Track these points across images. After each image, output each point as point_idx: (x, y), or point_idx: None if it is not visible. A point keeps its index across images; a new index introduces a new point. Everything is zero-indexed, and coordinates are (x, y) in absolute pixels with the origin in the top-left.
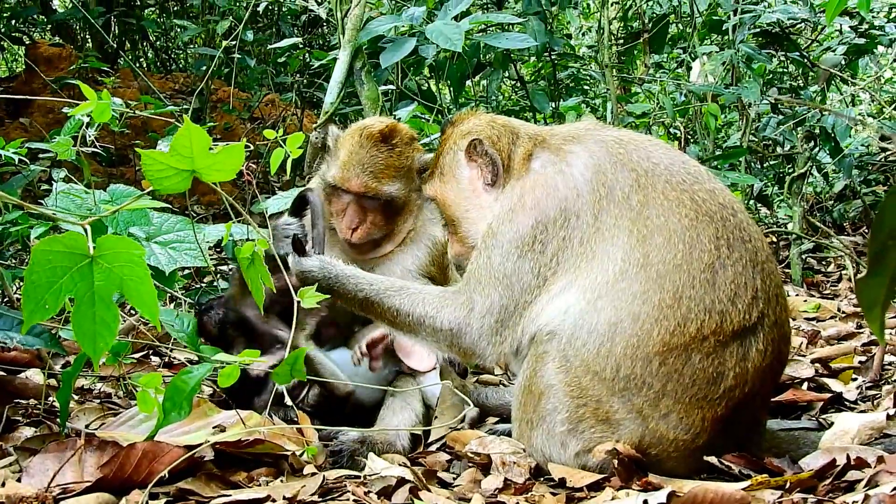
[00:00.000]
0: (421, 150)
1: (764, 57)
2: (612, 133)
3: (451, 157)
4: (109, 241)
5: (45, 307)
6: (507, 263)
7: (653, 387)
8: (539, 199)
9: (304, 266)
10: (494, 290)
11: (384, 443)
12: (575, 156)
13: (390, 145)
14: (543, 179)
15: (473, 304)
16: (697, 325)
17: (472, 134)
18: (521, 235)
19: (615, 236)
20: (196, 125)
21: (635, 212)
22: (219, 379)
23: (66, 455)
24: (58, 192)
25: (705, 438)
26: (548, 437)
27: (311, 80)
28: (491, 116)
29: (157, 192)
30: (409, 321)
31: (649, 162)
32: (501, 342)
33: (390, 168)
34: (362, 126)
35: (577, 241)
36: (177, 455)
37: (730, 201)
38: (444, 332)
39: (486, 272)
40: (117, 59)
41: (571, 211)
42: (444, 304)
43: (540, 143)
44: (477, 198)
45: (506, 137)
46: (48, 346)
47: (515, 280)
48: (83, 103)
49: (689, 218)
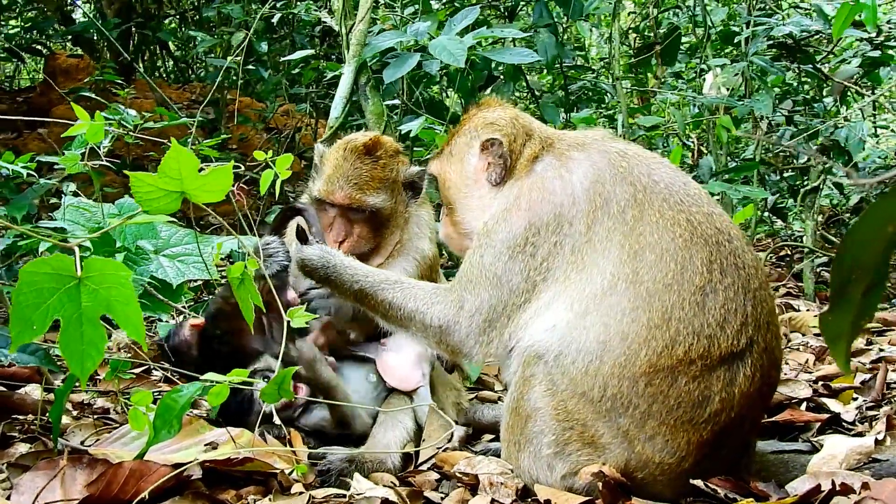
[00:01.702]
0: (406, 162)
1: (777, 69)
2: (619, 145)
3: (465, 142)
4: (96, 263)
5: (33, 328)
6: (497, 264)
7: (638, 407)
8: (534, 202)
9: (305, 254)
10: (485, 289)
11: (374, 462)
12: (576, 163)
13: (374, 157)
14: (542, 183)
15: (463, 303)
16: (685, 347)
17: (495, 128)
18: (513, 236)
19: (607, 249)
20: (184, 148)
21: (629, 226)
22: (208, 397)
23: (55, 473)
24: (66, 205)
25: (691, 462)
26: (535, 459)
27: (325, 92)
28: (516, 112)
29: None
30: (401, 315)
31: (650, 178)
32: (489, 342)
33: (375, 180)
34: (346, 140)
35: (569, 248)
36: (164, 473)
37: (727, 227)
38: (433, 329)
39: (477, 271)
40: (134, 70)
41: (565, 217)
42: (435, 300)
43: (548, 147)
44: (478, 189)
45: (521, 139)
46: (42, 364)
47: (505, 281)
48: (76, 124)
49: (683, 238)
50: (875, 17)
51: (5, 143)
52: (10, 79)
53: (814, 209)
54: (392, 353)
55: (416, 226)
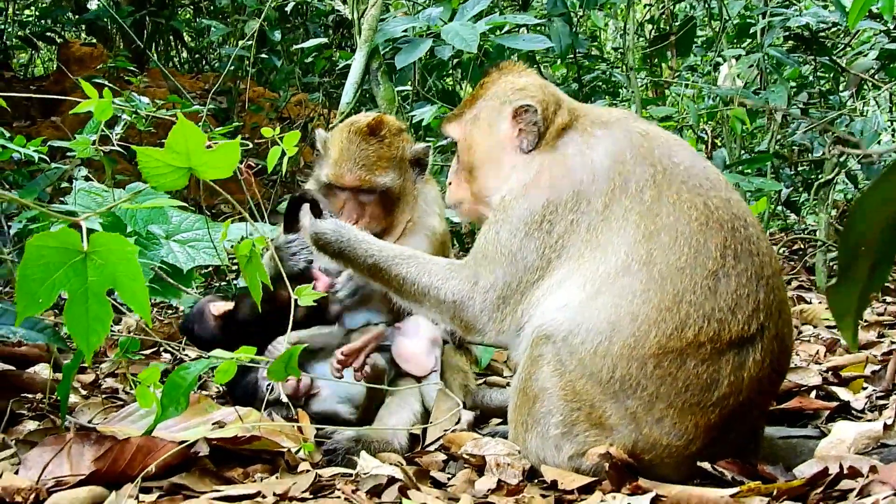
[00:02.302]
0: (410, 140)
1: (793, 61)
2: (642, 126)
3: (494, 107)
4: (102, 238)
5: (39, 301)
6: (514, 240)
7: (647, 389)
8: (555, 179)
9: (319, 228)
10: (499, 266)
11: (381, 441)
12: (598, 140)
13: (379, 137)
14: (563, 159)
15: (478, 279)
16: (695, 330)
17: (528, 94)
18: (530, 213)
19: (622, 228)
20: (190, 122)
21: (646, 207)
22: (216, 375)
23: (61, 448)
24: (78, 190)
25: (699, 445)
26: (542, 440)
27: (338, 81)
28: (543, 80)
29: (157, 190)
30: (415, 290)
31: (670, 160)
32: (502, 319)
33: (382, 159)
34: (349, 122)
35: (585, 226)
36: (171, 450)
37: (743, 213)
38: (446, 304)
39: (493, 247)
40: (148, 58)
41: (584, 195)
42: (449, 275)
43: (574, 121)
44: (505, 156)
45: (552, 107)
46: (50, 341)
47: (521, 258)
48: (85, 101)
49: (698, 222)
50: (892, 7)
51: (19, 130)
52: (25, 67)
53: (827, 202)
54: (407, 338)
55: (425, 203)
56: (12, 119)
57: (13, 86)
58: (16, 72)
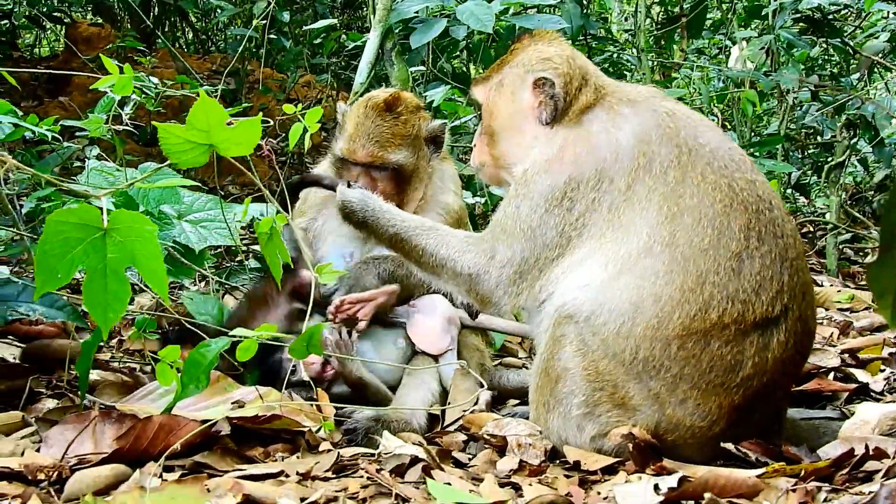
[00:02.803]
0: (427, 117)
1: (804, 43)
2: (669, 105)
3: (518, 75)
4: (123, 216)
5: (58, 277)
6: (533, 216)
7: (670, 370)
8: (578, 156)
9: (346, 196)
10: (517, 241)
11: (400, 421)
12: (624, 119)
13: (395, 114)
14: (587, 136)
15: (495, 253)
16: (719, 311)
17: (550, 66)
18: (552, 189)
19: (645, 209)
20: (212, 99)
21: (670, 188)
22: (237, 352)
23: (84, 426)
24: (90, 169)
25: (722, 426)
26: (564, 420)
27: (347, 62)
28: (572, 51)
29: (178, 167)
30: (433, 261)
31: (696, 141)
32: (518, 294)
33: (396, 136)
34: (367, 98)
35: (607, 206)
36: (193, 428)
37: (768, 195)
38: (463, 277)
39: (512, 222)
40: (155, 39)
41: (607, 174)
42: (467, 248)
43: (600, 98)
44: (526, 125)
45: (577, 82)
46: (69, 319)
47: (539, 234)
48: (106, 77)
49: (723, 204)
50: None
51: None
52: (31, 47)
53: (838, 185)
54: (422, 315)
55: (440, 180)
56: (20, 99)
57: (20, 66)
58: (22, 52)
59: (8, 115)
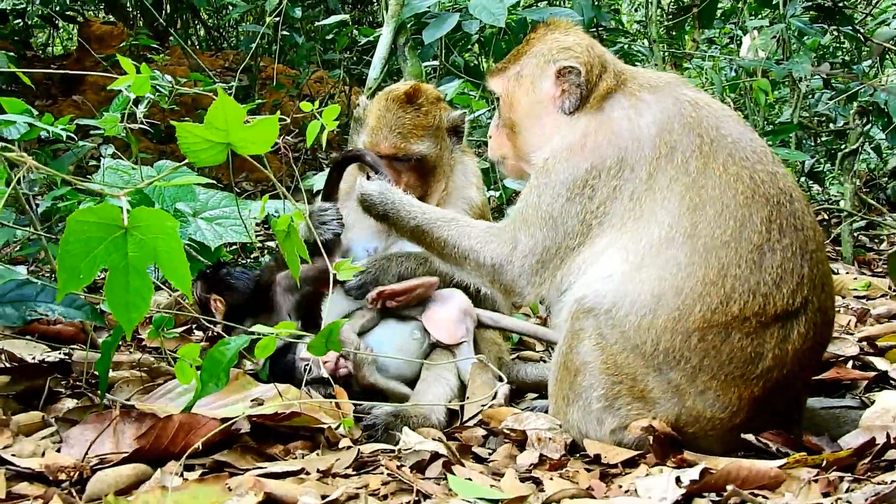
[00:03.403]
0: (448, 108)
1: (815, 31)
2: (691, 93)
3: (538, 65)
4: (144, 213)
5: (80, 277)
6: (555, 205)
7: (690, 361)
8: (600, 144)
9: (366, 189)
10: (539, 230)
11: (419, 416)
12: (647, 106)
13: (416, 105)
14: (609, 124)
15: (517, 242)
16: (740, 304)
17: (572, 55)
18: (573, 177)
19: (666, 199)
20: (230, 98)
21: (691, 178)
22: (255, 350)
23: (104, 426)
24: (105, 167)
25: (742, 417)
26: (584, 414)
27: (359, 57)
28: (591, 40)
29: (196, 166)
30: (456, 253)
31: (718, 132)
32: (541, 283)
33: (418, 128)
34: (388, 91)
35: (628, 194)
36: (213, 427)
37: (789, 187)
38: (486, 268)
39: (533, 211)
40: (168, 37)
41: (628, 162)
42: (489, 239)
43: (621, 84)
44: (547, 115)
45: (597, 69)
46: (89, 319)
47: (561, 223)
48: (123, 76)
49: (744, 196)
50: None
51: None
52: (44, 46)
53: (852, 172)
54: (438, 305)
55: (462, 174)
56: (34, 98)
57: (34, 65)
58: (36, 51)
59: (23, 114)
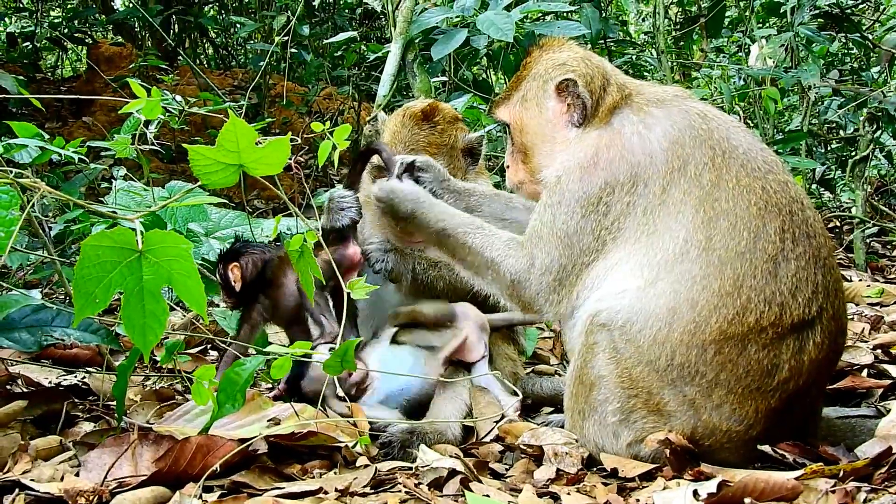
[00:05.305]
0: (465, 129)
1: (823, 39)
2: (699, 106)
3: (539, 86)
4: (157, 236)
5: (96, 301)
6: (570, 223)
7: (706, 375)
8: (612, 160)
9: (397, 185)
10: (555, 248)
11: (435, 433)
12: (656, 120)
13: (431, 123)
14: (619, 139)
15: (534, 259)
16: (756, 315)
17: (567, 69)
18: (587, 195)
19: (680, 213)
20: (241, 120)
21: (705, 191)
22: (271, 371)
23: (123, 449)
24: (118, 189)
25: (759, 429)
26: (600, 428)
27: (367, 73)
28: (585, 52)
29: (208, 187)
30: (479, 262)
31: (729, 143)
32: (559, 301)
33: (432, 146)
34: (405, 107)
35: (641, 209)
36: (230, 448)
37: (800, 196)
38: (506, 282)
39: (548, 230)
40: (176, 56)
41: (641, 177)
42: (508, 253)
43: (626, 98)
44: (558, 132)
45: (598, 80)
46: (104, 343)
47: (576, 241)
48: (135, 101)
49: (757, 206)
50: None
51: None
52: (53, 69)
53: (863, 179)
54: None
55: None
56: (44, 120)
57: (44, 87)
58: (45, 73)
59: (34, 138)
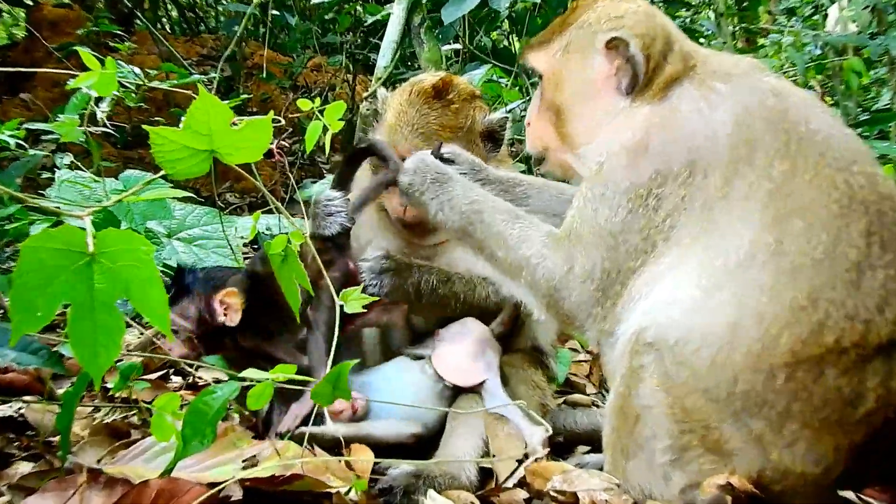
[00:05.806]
0: (485, 109)
1: None
2: (773, 82)
3: (587, 37)
4: (112, 237)
5: (37, 315)
6: (615, 219)
7: (775, 406)
8: (666, 144)
9: (422, 159)
10: (597, 249)
11: (446, 476)
12: (720, 98)
13: (445, 102)
14: (676, 119)
15: (573, 262)
16: (836, 334)
17: (625, 23)
18: (634, 185)
19: (746, 209)
20: (213, 97)
21: (776, 184)
22: (248, 400)
23: (68, 495)
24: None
25: (839, 470)
26: (647, 470)
27: (364, 40)
28: (650, 7)
29: (172, 178)
30: (511, 258)
31: (807, 127)
32: (604, 317)
33: (445, 128)
34: (413, 82)
35: (699, 204)
36: (198, 494)
37: (891, 192)
38: (542, 289)
39: (589, 227)
40: (133, 21)
41: (700, 166)
42: (545, 252)
43: (689, 69)
44: (600, 98)
45: (659, 43)
46: (46, 365)
47: (622, 240)
48: (84, 73)
49: (839, 204)
50: None
51: None
52: None
53: None
54: (447, 343)
55: None
56: None
57: None
58: None
59: None
